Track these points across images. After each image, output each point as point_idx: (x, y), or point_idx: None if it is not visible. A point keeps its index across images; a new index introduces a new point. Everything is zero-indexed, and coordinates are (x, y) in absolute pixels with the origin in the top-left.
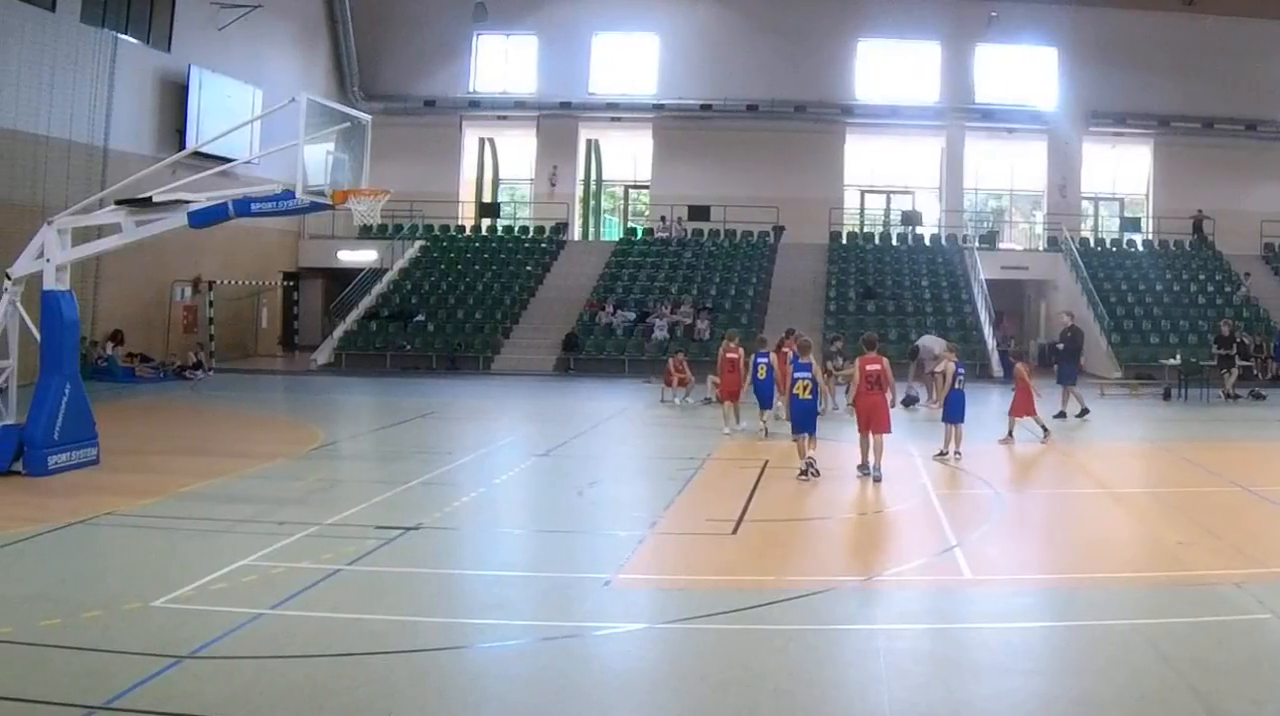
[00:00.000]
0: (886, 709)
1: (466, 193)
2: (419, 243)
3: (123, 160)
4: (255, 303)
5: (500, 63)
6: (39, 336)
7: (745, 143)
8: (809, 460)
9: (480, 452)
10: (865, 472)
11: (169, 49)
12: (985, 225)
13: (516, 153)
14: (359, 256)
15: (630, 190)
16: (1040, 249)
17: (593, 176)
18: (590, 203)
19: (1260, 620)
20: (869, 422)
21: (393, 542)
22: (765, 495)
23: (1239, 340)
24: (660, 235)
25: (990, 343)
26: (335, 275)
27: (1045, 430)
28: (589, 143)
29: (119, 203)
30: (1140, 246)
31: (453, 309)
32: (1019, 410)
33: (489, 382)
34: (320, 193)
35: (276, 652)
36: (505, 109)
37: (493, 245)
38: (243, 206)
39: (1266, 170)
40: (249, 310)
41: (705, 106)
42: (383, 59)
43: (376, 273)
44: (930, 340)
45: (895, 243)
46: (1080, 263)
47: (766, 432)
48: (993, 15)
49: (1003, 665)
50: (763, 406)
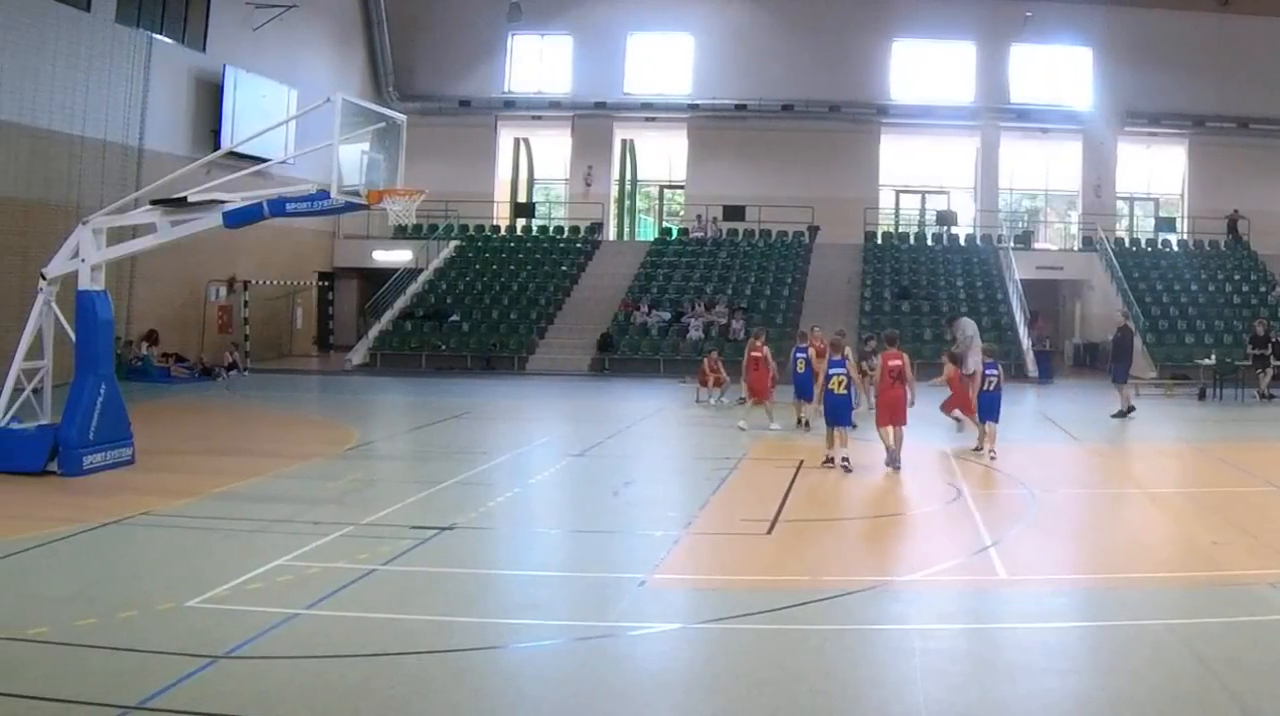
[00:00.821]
0: (922, 709)
1: (501, 193)
2: (454, 243)
3: (158, 160)
4: (290, 302)
5: (535, 63)
6: (74, 336)
7: (780, 142)
8: (844, 457)
9: (515, 453)
10: (890, 465)
11: (204, 49)
12: (1020, 225)
13: (551, 153)
14: (394, 256)
15: (665, 190)
16: (1075, 249)
17: (628, 176)
18: (625, 202)
19: None
20: (892, 415)
21: (428, 542)
22: (800, 495)
23: (1274, 340)
24: (695, 235)
25: (1025, 343)
26: (370, 275)
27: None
28: (624, 143)
29: (154, 202)
30: (1175, 246)
31: (487, 309)
32: (950, 405)
33: (524, 383)
34: (355, 193)
35: (311, 652)
36: (540, 109)
37: (528, 245)
38: (278, 206)
39: None
40: (284, 310)
41: (740, 106)
42: (418, 59)
43: (411, 272)
44: (968, 323)
45: (930, 243)
46: (1115, 263)
47: (809, 425)
48: (1028, 15)
49: (1038, 665)
50: (800, 398)
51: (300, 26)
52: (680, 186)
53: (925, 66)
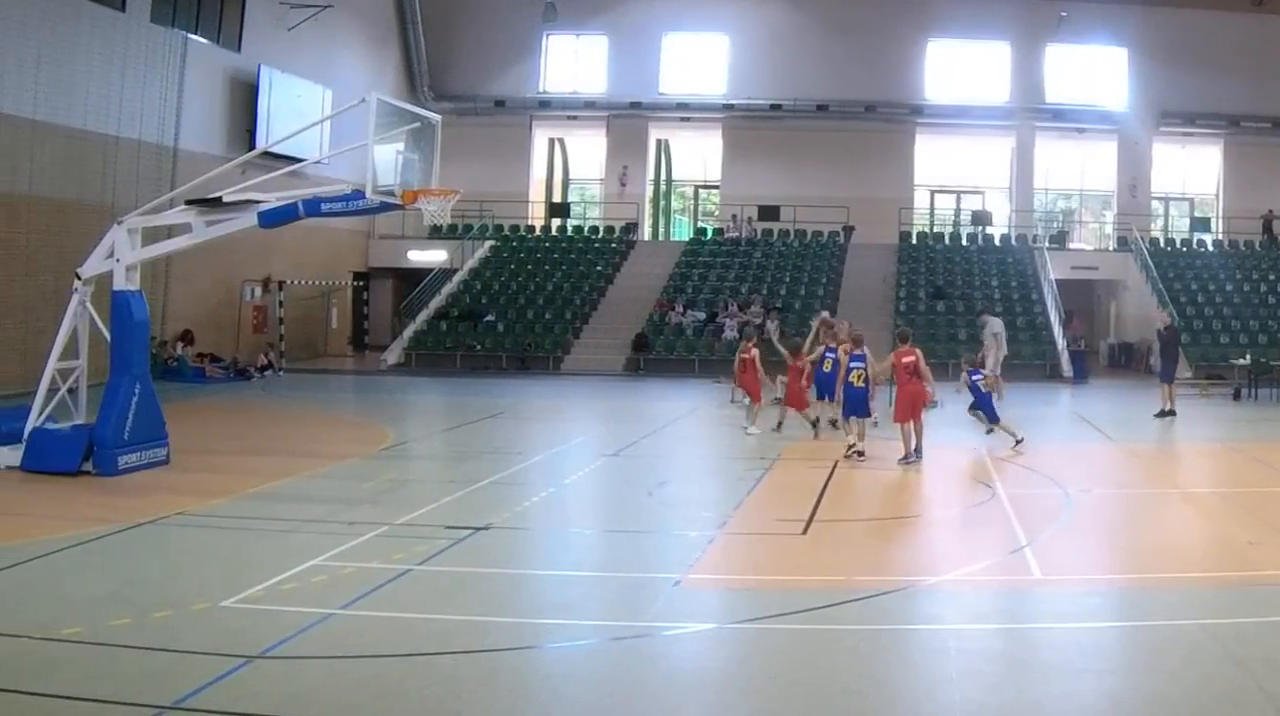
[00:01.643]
0: (957, 709)
1: (536, 193)
2: (489, 243)
3: (192, 160)
4: (325, 302)
5: (570, 63)
6: (109, 336)
7: (815, 143)
8: (859, 449)
9: (550, 452)
10: (910, 461)
11: (239, 49)
12: (1055, 225)
13: (586, 153)
14: (429, 256)
15: (700, 190)
16: (1110, 249)
17: (663, 176)
18: (660, 202)
19: None
20: (912, 411)
21: (463, 542)
22: (835, 495)
23: None
24: (730, 235)
25: (1060, 343)
26: (405, 275)
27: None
28: (659, 143)
29: (189, 203)
30: (1210, 246)
31: (522, 309)
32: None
33: (559, 383)
34: (390, 193)
35: (346, 652)
36: (575, 109)
37: (562, 245)
38: (313, 206)
39: None
40: (319, 310)
41: (775, 106)
42: (453, 59)
43: (446, 272)
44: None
45: (965, 243)
46: (1150, 263)
47: (836, 424)
48: (1063, 15)
49: (1073, 665)
50: (823, 398)
51: (335, 26)
52: (715, 186)
53: (960, 66)
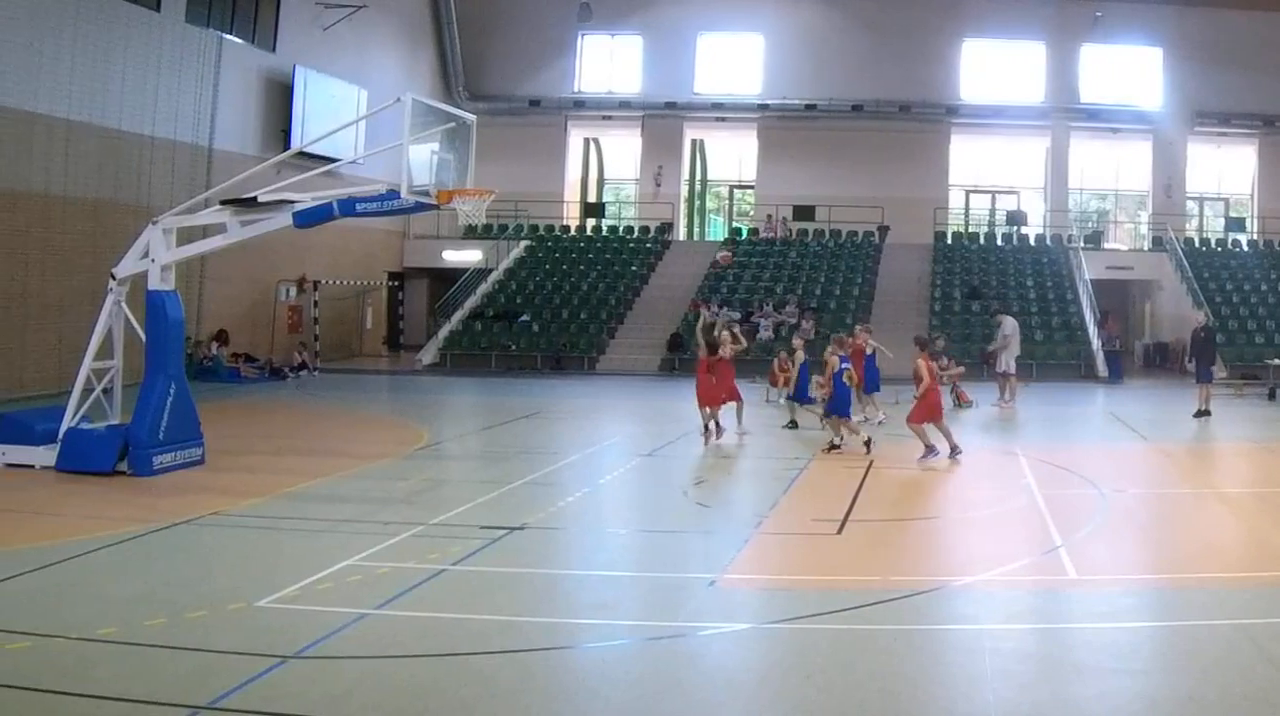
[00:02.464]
0: (992, 708)
1: (571, 193)
2: (524, 243)
3: (227, 160)
4: (360, 302)
5: (605, 63)
6: (144, 336)
7: (850, 142)
8: (838, 443)
9: (585, 452)
10: (950, 455)
11: (274, 49)
12: (1090, 225)
13: (621, 153)
14: (464, 256)
15: (735, 190)
16: (1145, 249)
17: (697, 176)
18: (695, 202)
19: None
20: (932, 413)
21: (498, 542)
22: (870, 495)
23: None
24: (765, 235)
25: (1095, 343)
26: (440, 275)
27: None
28: (694, 142)
29: (224, 202)
30: (1245, 246)
31: (557, 309)
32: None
33: (594, 382)
34: (425, 193)
35: (381, 653)
36: (610, 109)
37: (597, 245)
38: (347, 206)
39: None
40: (354, 310)
41: (810, 106)
42: (488, 59)
43: (481, 272)
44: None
45: (1000, 243)
46: (1185, 263)
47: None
48: (1098, 15)
49: (1107, 665)
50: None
51: (370, 26)
52: (750, 186)
53: (995, 66)
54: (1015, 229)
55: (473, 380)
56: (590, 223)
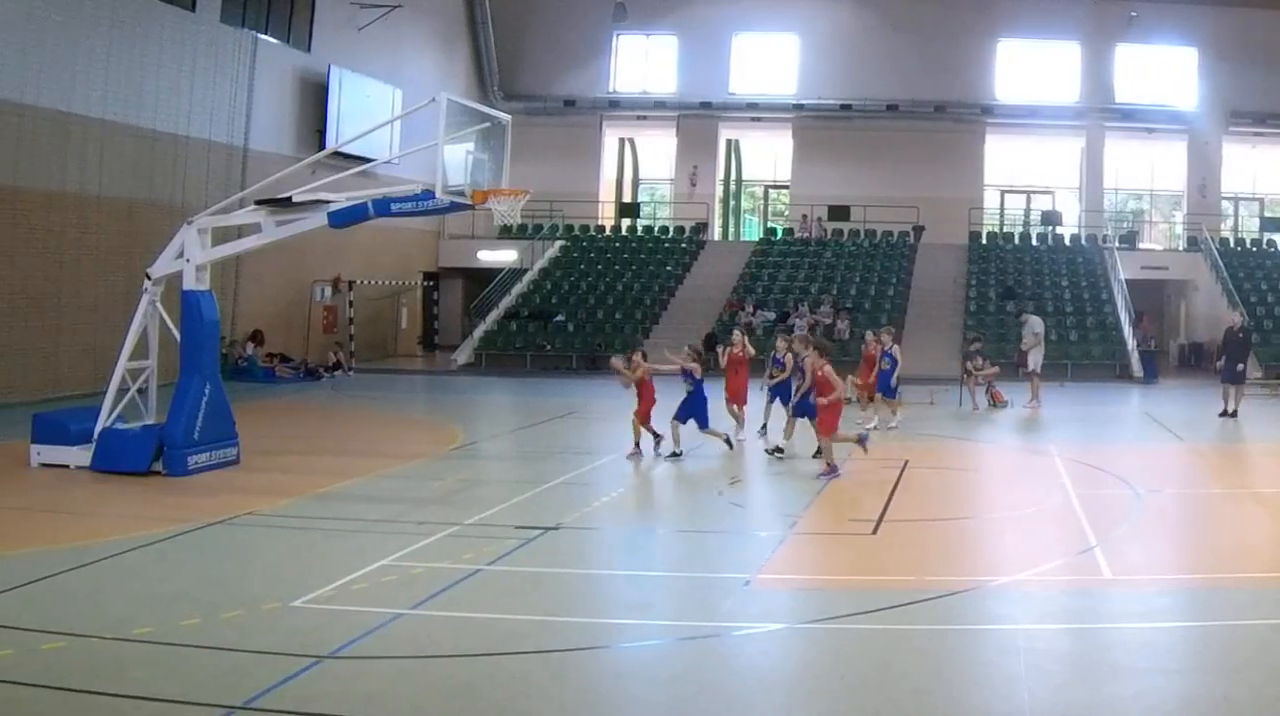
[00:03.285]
0: (1027, 708)
1: (606, 193)
2: (559, 242)
3: (262, 160)
4: (395, 302)
5: (640, 62)
6: (179, 336)
7: (885, 142)
8: (780, 448)
9: (620, 452)
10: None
11: (309, 49)
12: (1125, 225)
13: (656, 152)
14: (499, 256)
15: (770, 190)
16: (1180, 249)
17: (733, 176)
18: (730, 202)
19: None
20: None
21: (532, 542)
22: (905, 495)
23: None
24: (800, 235)
25: (1130, 343)
26: (475, 275)
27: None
28: (729, 142)
29: (259, 203)
30: None
31: (593, 309)
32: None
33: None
34: (460, 193)
35: (416, 653)
36: (645, 109)
37: (633, 245)
38: (382, 206)
39: None
40: (389, 310)
41: (845, 106)
42: (523, 59)
43: (516, 272)
44: (1036, 321)
45: (1035, 243)
46: (1220, 263)
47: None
48: (1132, 15)
49: (1143, 665)
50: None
51: (405, 26)
52: (785, 186)
53: (1030, 66)
54: (1050, 229)
55: (508, 380)
56: (625, 222)
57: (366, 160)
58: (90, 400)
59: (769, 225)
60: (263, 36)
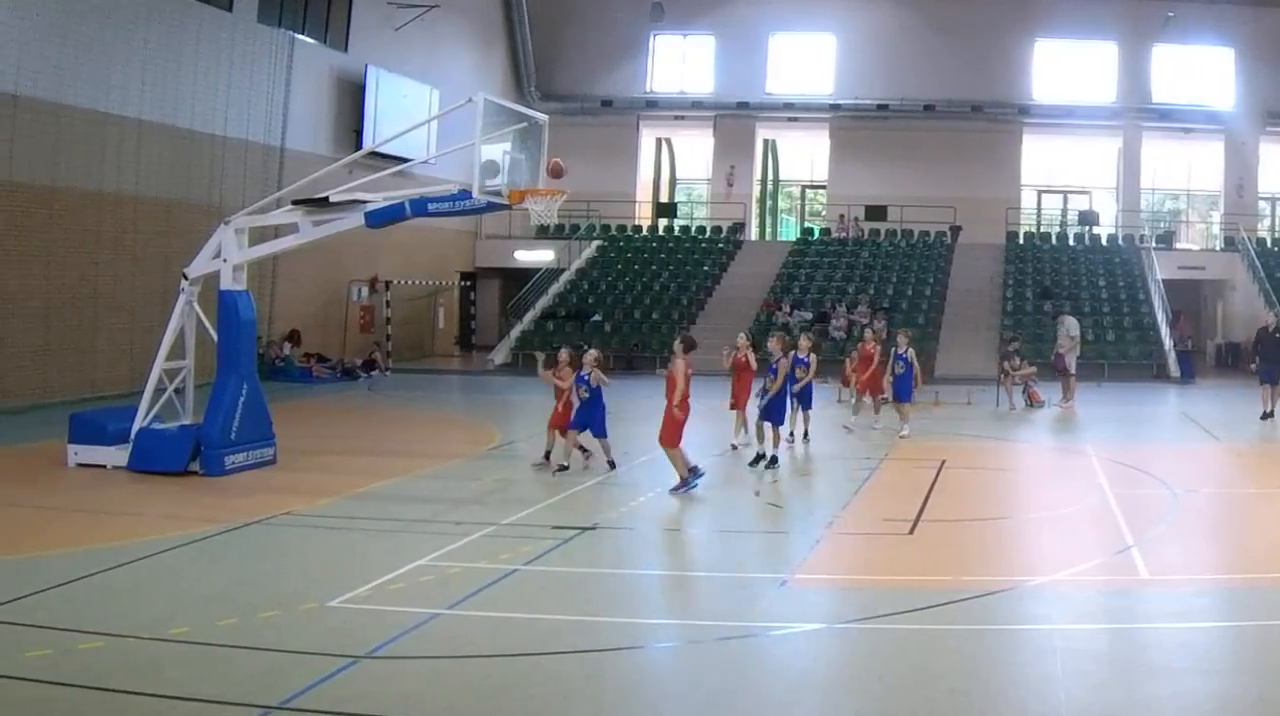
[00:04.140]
0: (1064, 708)
1: (643, 193)
2: (596, 242)
3: (299, 160)
4: (432, 302)
5: (677, 63)
6: (216, 336)
7: (922, 143)
8: (774, 456)
9: (656, 453)
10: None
11: (346, 49)
12: (1162, 225)
13: (693, 152)
14: (536, 256)
15: (807, 190)
16: (1217, 249)
17: (769, 176)
18: (767, 202)
19: None
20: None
21: (569, 543)
22: (942, 495)
23: None
24: (837, 235)
25: (1167, 343)
26: (512, 275)
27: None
28: (766, 142)
29: (296, 202)
30: None
31: (629, 309)
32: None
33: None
34: (497, 193)
35: (452, 652)
36: (682, 109)
37: (669, 245)
38: (419, 206)
39: None
40: (426, 310)
41: (882, 106)
42: (560, 59)
43: (553, 272)
44: (1072, 322)
45: (1072, 243)
46: (1257, 263)
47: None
48: (1169, 15)
49: (1180, 665)
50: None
51: (442, 26)
52: (822, 186)
53: (1067, 66)
54: (1087, 229)
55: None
56: (662, 222)
57: (403, 160)
58: (127, 400)
59: (806, 225)
60: (300, 36)
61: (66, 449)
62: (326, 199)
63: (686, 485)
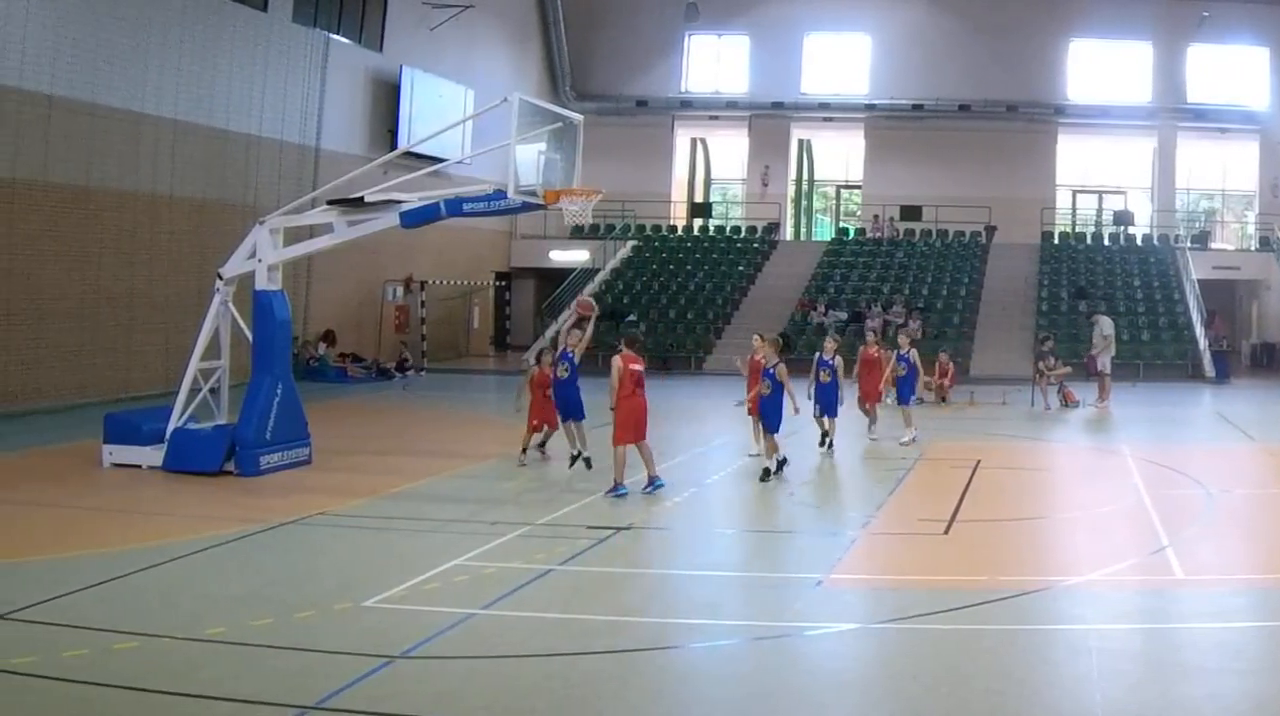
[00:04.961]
0: (1099, 709)
1: (678, 193)
2: (631, 242)
3: (334, 160)
4: (467, 302)
5: (712, 63)
6: (251, 336)
7: (957, 142)
8: (778, 465)
9: (692, 453)
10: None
11: (380, 49)
12: (1197, 225)
13: (728, 152)
14: (571, 256)
15: (842, 190)
16: (1252, 249)
17: (804, 176)
18: (802, 202)
19: None
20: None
21: (604, 543)
22: (977, 495)
23: None
24: (872, 235)
25: (1202, 343)
26: (547, 275)
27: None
28: (801, 142)
29: (331, 202)
30: None
31: (664, 309)
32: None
33: (701, 382)
34: (532, 192)
35: (487, 652)
36: (717, 109)
37: (704, 245)
38: (454, 206)
39: None
40: (461, 310)
41: (917, 106)
42: (595, 59)
43: (588, 272)
44: (1106, 322)
45: (1107, 243)
46: None
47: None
48: (1205, 15)
49: (1215, 665)
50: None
51: (477, 26)
52: (857, 186)
53: (1102, 66)
54: (1122, 229)
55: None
56: (697, 222)
57: (438, 160)
58: (162, 400)
59: (841, 225)
60: (334, 36)
61: (101, 449)
62: (361, 199)
63: (616, 490)
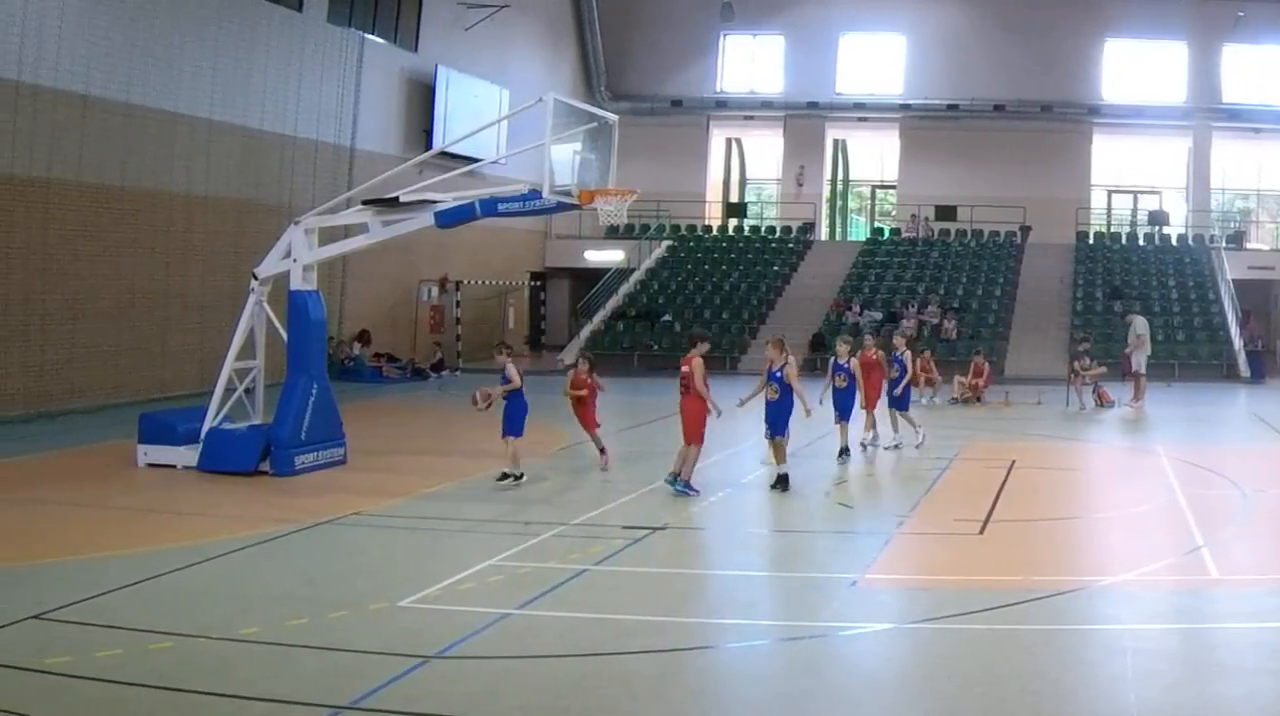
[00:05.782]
0: (1134, 709)
1: (713, 193)
2: (666, 242)
3: (369, 160)
4: (502, 302)
5: (747, 63)
6: (286, 336)
7: (992, 142)
8: (783, 474)
9: (727, 453)
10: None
11: (416, 49)
12: (1232, 225)
13: (763, 152)
14: (606, 256)
15: (877, 190)
16: None
17: (839, 176)
18: (837, 202)
19: None
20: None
21: (639, 543)
22: (1012, 495)
23: None
24: (907, 235)
25: (1237, 343)
26: (582, 275)
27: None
28: (836, 142)
29: (366, 202)
30: None
31: (699, 309)
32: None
33: (736, 382)
34: (567, 192)
35: (522, 652)
36: (752, 109)
37: (739, 245)
38: (489, 206)
39: None
40: (495, 310)
41: (952, 106)
42: (629, 59)
43: (623, 272)
44: (1140, 321)
45: (1142, 243)
46: None
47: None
48: (1240, 15)
49: (1251, 665)
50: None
51: (512, 26)
52: (892, 186)
53: (1137, 66)
54: (1157, 229)
55: (614, 380)
56: (732, 222)
57: (473, 160)
58: (197, 400)
59: (876, 225)
60: (370, 36)
61: (136, 449)
62: (396, 199)
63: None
